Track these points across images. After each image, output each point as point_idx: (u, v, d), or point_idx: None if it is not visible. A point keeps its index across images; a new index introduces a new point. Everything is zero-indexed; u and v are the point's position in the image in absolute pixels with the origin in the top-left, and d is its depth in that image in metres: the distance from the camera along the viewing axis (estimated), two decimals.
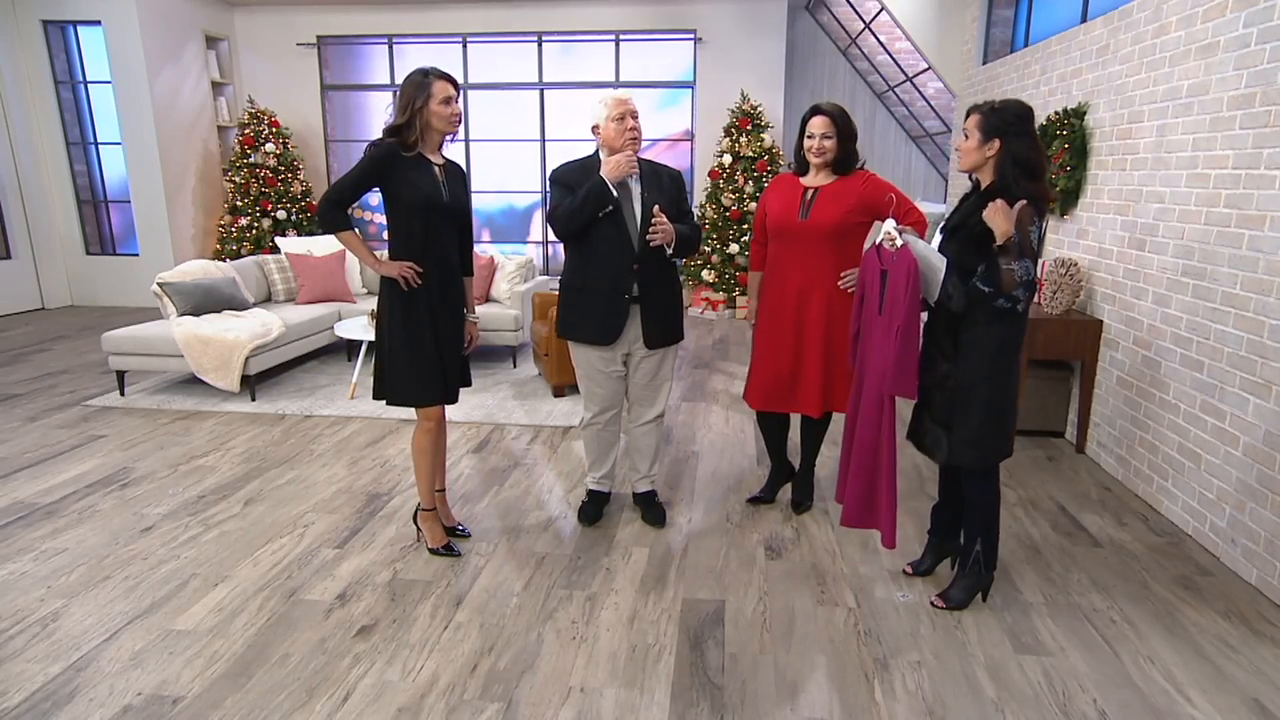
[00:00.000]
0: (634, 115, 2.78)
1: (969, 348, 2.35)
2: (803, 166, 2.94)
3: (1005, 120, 2.27)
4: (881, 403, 2.47)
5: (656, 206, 2.76)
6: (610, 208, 2.74)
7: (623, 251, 2.79)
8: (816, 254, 2.89)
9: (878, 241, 2.53)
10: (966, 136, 2.34)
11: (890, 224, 2.47)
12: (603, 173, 2.72)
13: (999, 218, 2.20)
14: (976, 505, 2.48)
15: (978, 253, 2.28)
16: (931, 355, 2.46)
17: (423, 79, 2.55)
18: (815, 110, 2.85)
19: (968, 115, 2.37)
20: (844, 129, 2.82)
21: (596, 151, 2.89)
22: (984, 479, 2.45)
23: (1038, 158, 2.28)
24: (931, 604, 2.56)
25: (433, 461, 2.83)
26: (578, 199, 2.73)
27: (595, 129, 2.82)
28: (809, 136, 2.85)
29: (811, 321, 2.93)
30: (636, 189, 2.84)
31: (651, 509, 3.19)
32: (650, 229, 2.73)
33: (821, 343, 2.93)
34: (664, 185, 2.88)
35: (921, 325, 2.42)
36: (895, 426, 2.48)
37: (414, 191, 2.57)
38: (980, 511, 2.48)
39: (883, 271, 2.47)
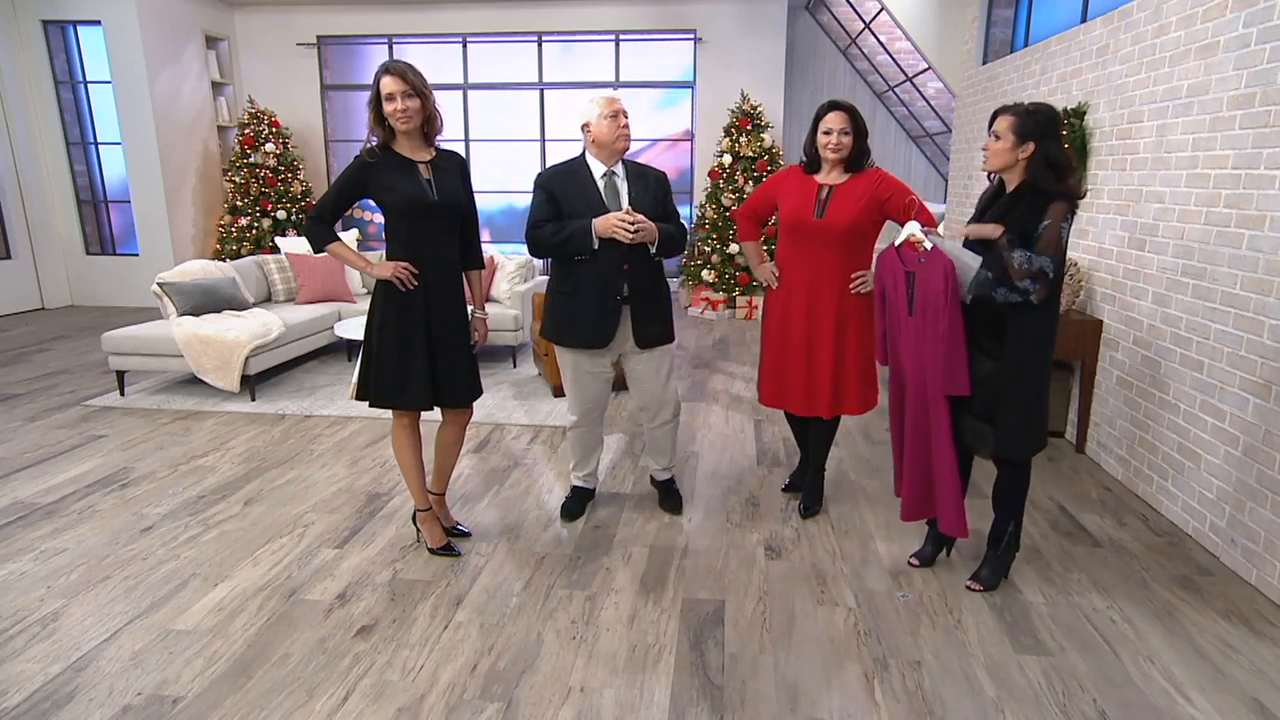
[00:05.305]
0: (625, 114, 2.81)
1: (1014, 344, 2.41)
2: (814, 164, 2.91)
3: (1040, 123, 2.31)
4: (925, 401, 2.51)
5: (628, 206, 2.78)
6: (586, 257, 2.79)
7: (613, 253, 2.79)
8: (829, 253, 2.86)
9: (898, 244, 2.53)
10: (997, 138, 2.36)
11: (915, 226, 2.47)
12: (595, 224, 2.74)
13: (983, 231, 2.37)
14: (1013, 491, 2.59)
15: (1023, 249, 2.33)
16: (972, 354, 2.48)
17: (375, 77, 2.51)
18: (832, 105, 2.81)
19: (996, 117, 2.39)
20: (859, 125, 2.81)
21: (584, 153, 2.90)
22: (1023, 467, 2.56)
23: (1067, 159, 2.33)
24: (967, 588, 2.64)
25: (415, 459, 2.81)
26: (561, 236, 2.78)
27: (585, 127, 2.83)
28: (826, 132, 2.80)
29: (822, 321, 2.92)
30: (624, 188, 2.87)
31: (670, 496, 3.27)
32: (629, 225, 2.72)
33: (832, 343, 2.91)
34: (650, 186, 2.91)
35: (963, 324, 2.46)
36: (950, 423, 2.49)
37: (393, 196, 2.55)
38: (1016, 497, 2.60)
39: (908, 273, 2.48)
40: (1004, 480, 2.59)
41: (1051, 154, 2.29)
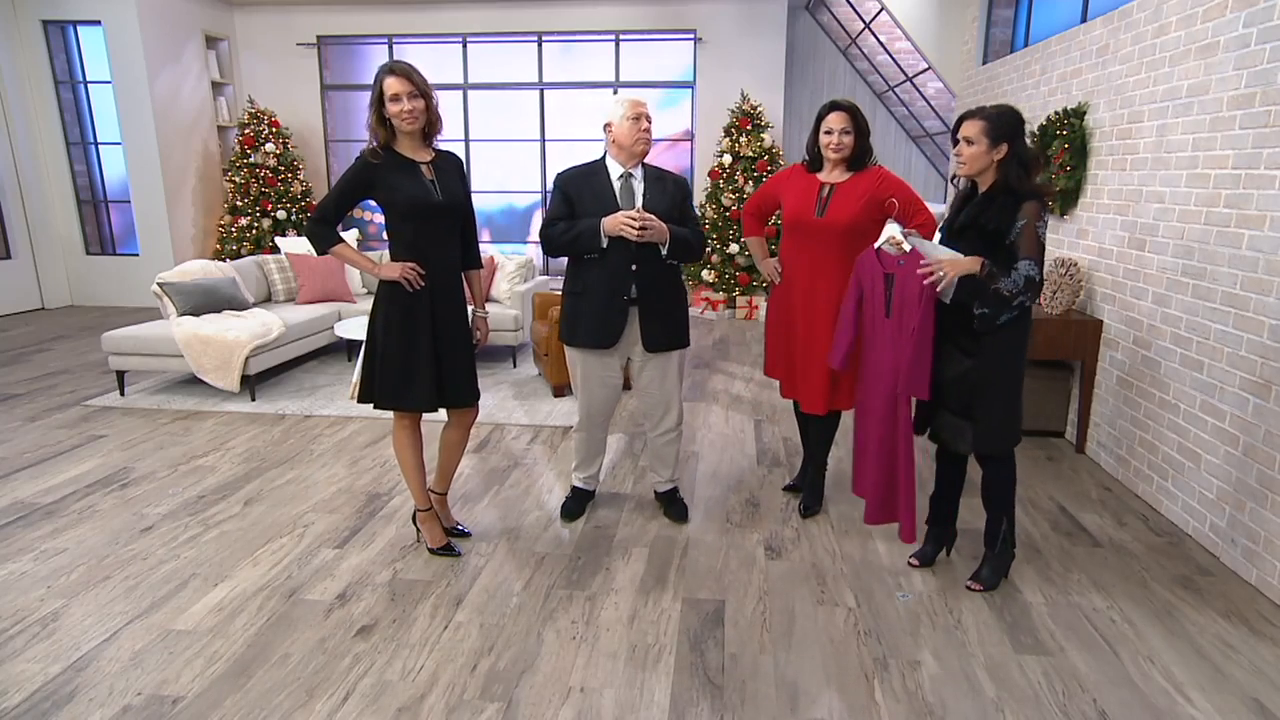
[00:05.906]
0: (648, 118, 2.81)
1: (990, 341, 2.43)
2: (816, 163, 2.94)
3: (1009, 124, 2.36)
4: (895, 402, 2.52)
5: (639, 206, 2.77)
6: (596, 255, 2.79)
7: (621, 253, 2.79)
8: (829, 251, 2.88)
9: (878, 245, 2.54)
10: (970, 143, 2.38)
11: (895, 228, 2.49)
12: (604, 222, 2.74)
13: (960, 266, 2.30)
14: (999, 487, 2.60)
15: (991, 251, 2.34)
16: (948, 352, 2.51)
17: (377, 77, 2.49)
18: (833, 105, 2.84)
19: (962, 122, 2.41)
20: (860, 125, 2.83)
21: (604, 156, 2.90)
22: (1006, 462, 2.57)
23: (1036, 156, 2.40)
24: (967, 588, 2.64)
25: (416, 459, 2.81)
26: (570, 234, 2.79)
27: (608, 126, 2.83)
28: (827, 132, 2.83)
29: (820, 319, 2.93)
30: (639, 190, 2.86)
31: (674, 505, 3.23)
32: (636, 224, 2.70)
33: (829, 341, 2.91)
34: (668, 190, 2.90)
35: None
36: (912, 424, 2.56)
37: (398, 196, 2.54)
38: (1003, 493, 2.60)
39: (886, 275, 2.49)
40: (990, 477, 2.60)
41: (1023, 153, 2.35)
